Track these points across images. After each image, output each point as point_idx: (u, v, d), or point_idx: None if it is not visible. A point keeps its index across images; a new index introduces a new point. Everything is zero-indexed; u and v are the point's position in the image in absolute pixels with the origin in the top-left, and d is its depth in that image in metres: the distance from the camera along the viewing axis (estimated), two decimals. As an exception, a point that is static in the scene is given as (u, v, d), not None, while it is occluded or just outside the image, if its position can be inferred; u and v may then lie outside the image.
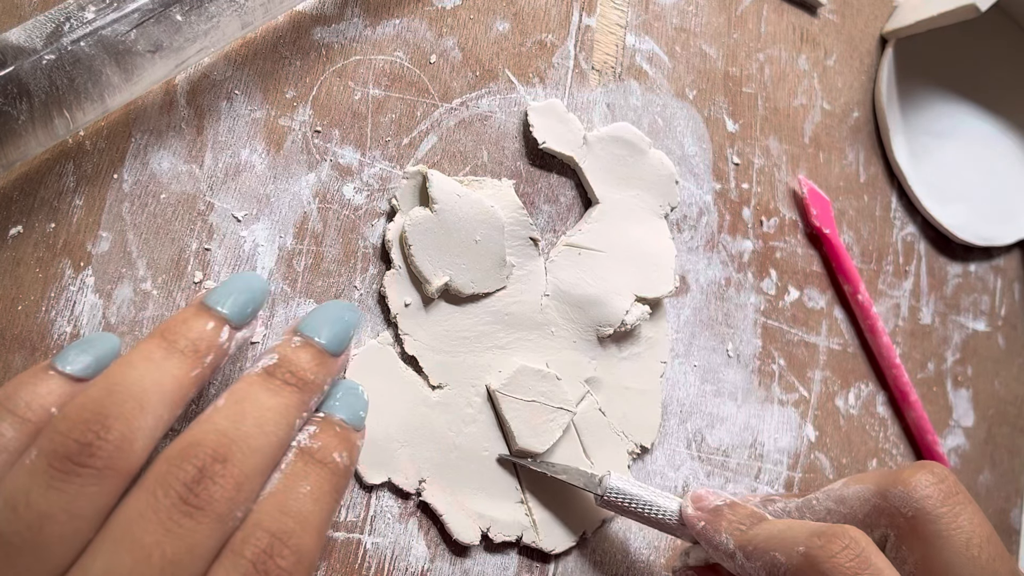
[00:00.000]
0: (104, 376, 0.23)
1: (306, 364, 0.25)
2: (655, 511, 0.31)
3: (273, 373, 0.25)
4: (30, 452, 0.21)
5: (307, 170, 0.31)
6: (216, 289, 0.25)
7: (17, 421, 0.22)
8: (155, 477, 0.22)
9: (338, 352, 0.26)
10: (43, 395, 0.23)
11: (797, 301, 0.42)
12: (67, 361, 0.23)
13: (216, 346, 0.24)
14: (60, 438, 0.21)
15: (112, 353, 0.24)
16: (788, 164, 0.43)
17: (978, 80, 0.50)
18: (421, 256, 0.31)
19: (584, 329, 0.34)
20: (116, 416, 0.22)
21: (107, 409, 0.22)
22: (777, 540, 0.27)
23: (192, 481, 0.22)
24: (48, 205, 0.27)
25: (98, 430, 0.21)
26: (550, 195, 0.36)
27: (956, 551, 0.26)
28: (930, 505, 0.27)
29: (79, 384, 0.23)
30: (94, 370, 0.24)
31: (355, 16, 0.33)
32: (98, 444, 0.21)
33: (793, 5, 0.45)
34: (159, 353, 0.23)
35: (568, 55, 0.37)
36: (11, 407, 0.22)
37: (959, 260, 0.50)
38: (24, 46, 0.24)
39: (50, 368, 0.23)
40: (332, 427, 0.25)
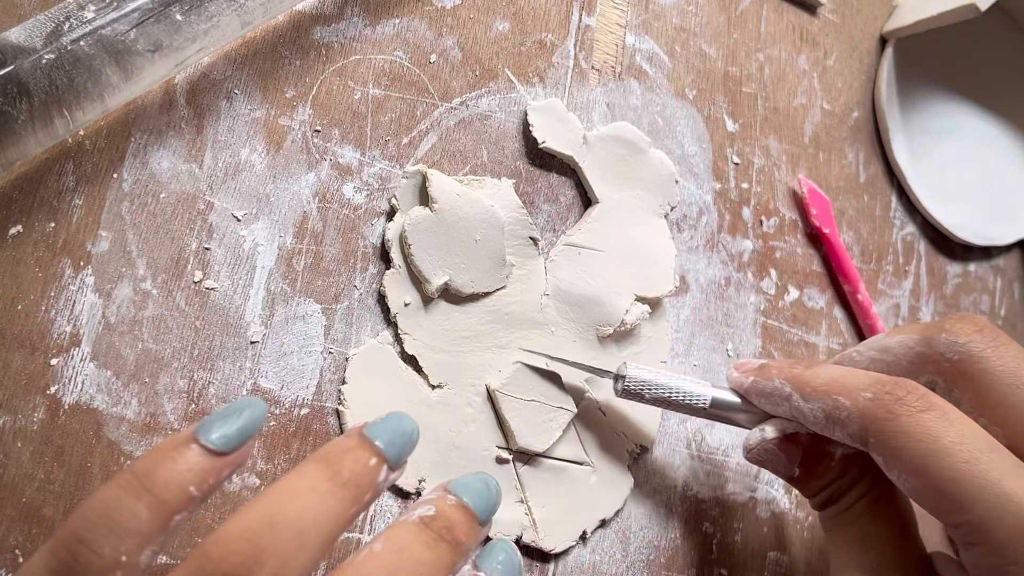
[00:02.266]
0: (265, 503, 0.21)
1: (461, 524, 0.25)
2: (684, 397, 0.32)
3: (430, 525, 0.24)
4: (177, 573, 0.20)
5: (307, 169, 0.31)
6: (377, 425, 0.24)
7: (154, 502, 0.21)
8: None
9: (484, 522, 0.26)
10: (182, 472, 0.21)
11: (797, 301, 0.42)
12: (210, 434, 0.22)
13: (375, 484, 0.23)
14: (209, 566, 0.20)
15: (258, 423, 0.23)
16: (788, 164, 0.43)
17: (978, 80, 0.50)
18: (421, 255, 0.31)
19: (584, 328, 0.34)
20: (273, 553, 0.21)
21: (264, 542, 0.20)
22: (839, 384, 0.28)
23: None
24: (48, 204, 0.27)
25: (251, 566, 0.20)
26: (550, 195, 0.36)
27: (1007, 384, 0.27)
28: (976, 348, 0.28)
29: (221, 459, 0.22)
30: (237, 443, 0.22)
31: (355, 16, 0.33)
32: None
33: (793, 5, 0.45)
34: (324, 485, 0.22)
35: (568, 55, 0.37)
36: (148, 485, 0.21)
37: (959, 260, 0.50)
38: (24, 45, 0.24)
39: (192, 441, 0.22)
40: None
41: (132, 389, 0.28)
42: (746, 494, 0.39)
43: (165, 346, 0.28)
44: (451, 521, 0.24)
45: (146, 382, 0.28)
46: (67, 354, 0.27)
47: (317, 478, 0.22)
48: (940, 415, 0.26)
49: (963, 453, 0.25)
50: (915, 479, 0.26)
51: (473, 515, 0.25)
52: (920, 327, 0.30)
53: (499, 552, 0.26)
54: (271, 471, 0.29)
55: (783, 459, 0.31)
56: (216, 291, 0.29)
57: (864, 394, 0.27)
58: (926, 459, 0.25)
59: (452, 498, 0.25)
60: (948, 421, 0.26)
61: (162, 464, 0.21)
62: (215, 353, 0.29)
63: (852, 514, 0.30)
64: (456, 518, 0.25)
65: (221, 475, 0.22)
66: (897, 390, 0.27)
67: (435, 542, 0.24)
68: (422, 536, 0.24)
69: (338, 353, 0.31)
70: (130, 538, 0.20)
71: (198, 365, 0.29)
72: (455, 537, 0.24)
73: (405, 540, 0.23)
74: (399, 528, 0.24)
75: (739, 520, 0.38)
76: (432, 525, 0.24)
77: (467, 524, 0.25)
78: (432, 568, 0.23)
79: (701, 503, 0.37)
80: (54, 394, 0.27)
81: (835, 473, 0.30)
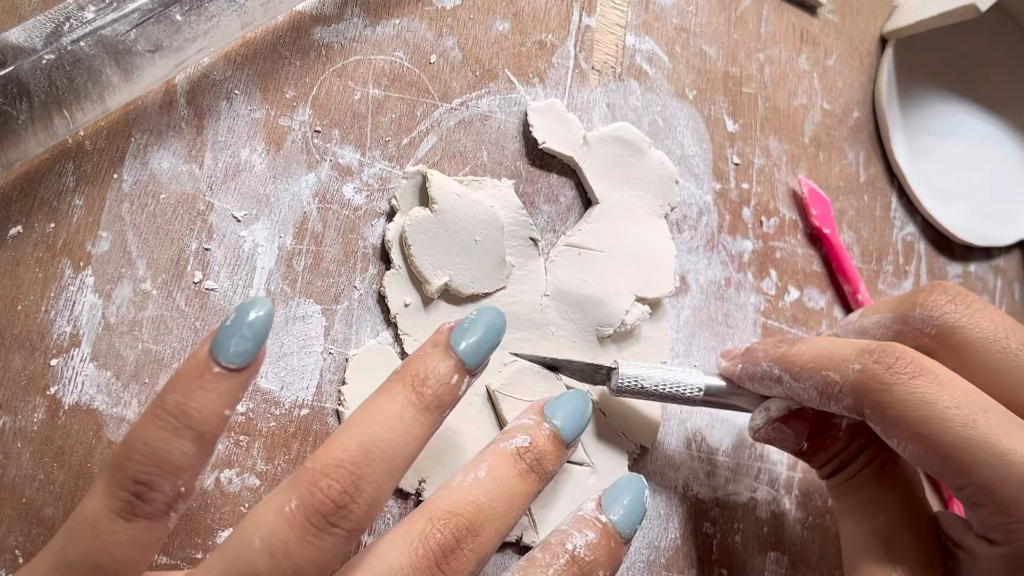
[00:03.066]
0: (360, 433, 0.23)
1: (552, 456, 0.27)
2: (677, 388, 0.32)
3: (524, 456, 0.26)
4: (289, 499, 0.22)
5: (307, 170, 0.31)
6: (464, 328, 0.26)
7: (197, 436, 0.22)
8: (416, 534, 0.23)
9: (571, 444, 0.28)
10: (213, 399, 0.22)
11: (797, 301, 0.42)
12: (228, 351, 0.22)
13: (455, 399, 0.26)
14: (320, 495, 0.22)
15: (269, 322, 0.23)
16: (788, 164, 0.43)
17: (978, 80, 0.50)
18: (421, 256, 0.31)
19: (584, 329, 0.34)
20: (369, 479, 0.23)
21: (361, 470, 0.23)
22: (826, 358, 0.28)
23: (448, 549, 0.23)
24: (48, 205, 0.27)
25: (353, 493, 0.22)
26: (550, 195, 0.36)
27: (987, 349, 0.27)
28: (951, 319, 0.28)
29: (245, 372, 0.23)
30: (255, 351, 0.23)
31: (355, 16, 0.33)
32: (352, 507, 0.22)
33: (793, 5, 0.45)
34: (410, 412, 0.24)
35: (568, 55, 0.37)
36: (187, 421, 0.22)
37: (959, 260, 0.50)
38: (24, 46, 0.24)
39: (212, 363, 0.22)
40: (609, 540, 0.26)
41: (132, 389, 0.28)
42: (746, 494, 0.39)
43: (165, 347, 0.28)
44: (543, 453, 0.27)
45: (146, 383, 0.28)
46: (67, 355, 0.27)
47: (404, 404, 0.24)
48: (932, 379, 0.26)
49: (960, 416, 0.25)
50: (915, 446, 0.26)
51: (563, 443, 0.28)
52: (893, 303, 0.30)
53: (625, 493, 0.28)
54: (271, 472, 0.29)
55: (791, 435, 0.31)
56: (216, 292, 0.29)
57: (853, 366, 0.27)
58: (924, 426, 0.25)
59: (547, 427, 0.28)
60: (941, 385, 0.26)
61: (192, 396, 0.22)
62: (215, 353, 0.29)
63: (860, 480, 0.30)
64: (547, 450, 0.27)
65: (247, 386, 0.23)
66: (886, 358, 0.26)
67: (526, 473, 0.26)
68: (517, 467, 0.26)
69: (338, 354, 0.31)
70: (184, 472, 0.22)
71: (198, 365, 0.29)
72: (544, 468, 0.27)
73: (503, 471, 0.26)
74: (499, 457, 0.26)
75: (739, 520, 0.38)
76: (526, 457, 0.27)
77: (556, 454, 0.27)
78: (522, 498, 0.26)
79: (701, 503, 0.37)
80: (54, 395, 0.27)
81: (842, 443, 0.30)
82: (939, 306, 0.28)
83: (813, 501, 0.41)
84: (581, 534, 0.26)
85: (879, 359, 0.27)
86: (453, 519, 0.24)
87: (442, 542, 0.23)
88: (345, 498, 0.22)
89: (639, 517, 0.28)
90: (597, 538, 0.26)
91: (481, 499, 0.25)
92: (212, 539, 0.28)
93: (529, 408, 0.29)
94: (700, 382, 0.32)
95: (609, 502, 0.27)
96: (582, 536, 0.26)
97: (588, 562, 0.26)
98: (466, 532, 0.24)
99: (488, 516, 0.25)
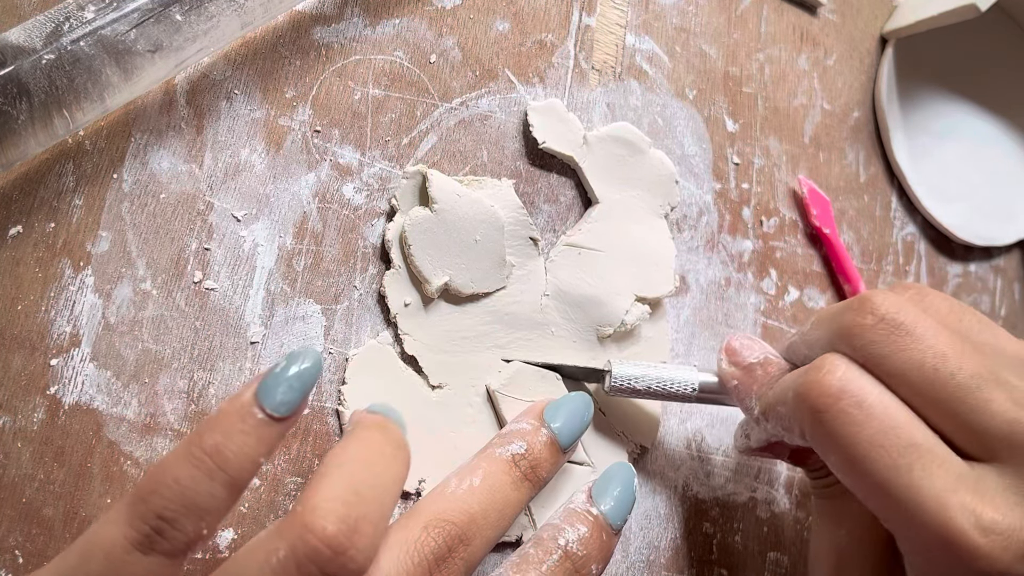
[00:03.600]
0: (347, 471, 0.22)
1: (548, 464, 0.27)
2: (671, 386, 0.31)
3: (518, 464, 0.26)
4: (277, 549, 0.20)
5: (307, 170, 0.31)
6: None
7: (229, 480, 0.21)
8: (413, 541, 0.23)
9: (567, 451, 0.28)
10: (252, 445, 0.21)
11: (797, 301, 0.42)
12: (275, 399, 0.22)
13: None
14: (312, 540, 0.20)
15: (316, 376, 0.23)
16: (788, 164, 0.43)
17: (978, 80, 0.50)
18: (421, 256, 0.31)
19: (584, 329, 0.34)
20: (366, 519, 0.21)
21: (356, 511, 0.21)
22: (779, 393, 0.28)
23: (440, 557, 0.23)
24: (48, 205, 0.27)
25: (351, 536, 0.21)
26: (550, 195, 0.36)
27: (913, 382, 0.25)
28: (875, 349, 0.25)
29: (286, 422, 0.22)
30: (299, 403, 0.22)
31: (355, 16, 0.33)
32: (350, 553, 0.21)
33: (793, 5, 0.45)
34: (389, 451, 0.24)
35: (568, 55, 0.37)
36: (222, 464, 0.21)
37: (959, 260, 0.50)
38: (24, 46, 0.24)
39: (256, 408, 0.21)
40: (601, 533, 0.26)
41: (132, 389, 0.28)
42: (746, 494, 0.39)
43: (165, 346, 0.28)
44: (539, 460, 0.27)
45: (146, 382, 0.28)
46: (67, 354, 0.27)
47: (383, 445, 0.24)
48: (855, 404, 0.24)
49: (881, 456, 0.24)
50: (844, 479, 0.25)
51: (559, 450, 0.27)
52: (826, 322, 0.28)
53: (615, 484, 0.28)
54: (271, 472, 0.29)
55: (770, 454, 0.31)
56: (216, 291, 0.29)
57: (789, 393, 0.26)
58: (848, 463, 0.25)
59: (545, 433, 0.27)
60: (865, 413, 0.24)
61: (232, 439, 0.21)
62: (215, 353, 0.29)
63: (834, 490, 0.30)
64: (544, 457, 0.27)
65: (283, 436, 0.22)
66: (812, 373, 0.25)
67: (520, 482, 0.26)
68: (512, 475, 0.26)
69: (338, 353, 0.31)
70: (209, 515, 0.21)
71: (198, 365, 0.29)
72: (538, 475, 0.27)
73: (498, 479, 0.26)
74: (494, 464, 0.26)
75: (739, 520, 0.38)
76: (521, 464, 0.26)
77: (552, 461, 0.27)
78: (514, 507, 0.26)
79: (701, 503, 0.37)
80: (54, 394, 0.27)
81: None
82: (862, 333, 0.26)
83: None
84: (573, 528, 0.26)
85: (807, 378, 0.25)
86: (446, 527, 0.24)
87: (436, 550, 0.23)
88: (343, 543, 0.20)
89: (629, 507, 0.27)
90: (589, 532, 0.26)
91: (475, 508, 0.25)
92: (211, 541, 0.28)
93: (528, 410, 0.29)
94: (694, 379, 0.32)
95: (599, 493, 0.27)
96: (574, 531, 0.26)
97: (581, 556, 0.25)
98: (458, 541, 0.24)
99: (480, 525, 0.24)
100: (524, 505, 0.26)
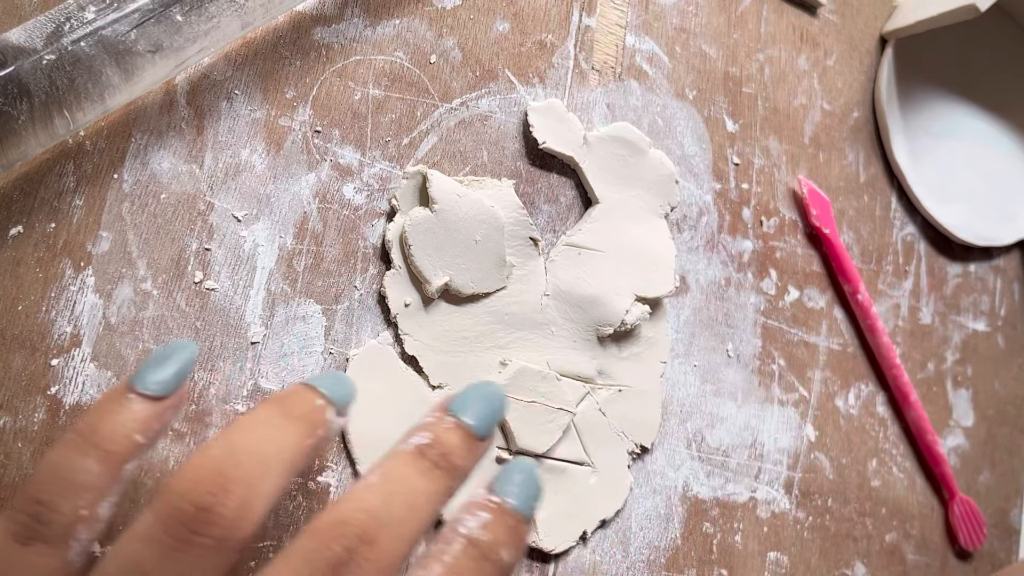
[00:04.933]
0: (222, 437, 0.22)
1: (458, 448, 0.24)
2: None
3: (425, 453, 0.24)
4: (145, 516, 0.20)
5: (307, 170, 0.31)
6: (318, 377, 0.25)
7: (101, 454, 0.21)
8: (300, 553, 0.21)
9: (486, 437, 0.25)
10: (126, 422, 0.21)
11: (797, 301, 0.42)
12: (146, 381, 0.22)
13: (325, 422, 0.24)
14: (177, 501, 0.20)
15: (191, 363, 0.23)
16: (788, 164, 0.43)
17: (978, 80, 0.50)
18: (421, 256, 0.31)
19: (584, 329, 0.34)
20: (237, 479, 0.20)
21: (228, 471, 0.20)
22: None
23: (339, 563, 0.20)
24: (48, 205, 0.27)
25: (218, 494, 0.20)
26: (550, 195, 0.36)
27: None
28: None
29: (161, 403, 0.22)
30: (175, 385, 0.23)
31: (355, 16, 0.33)
32: (218, 510, 0.20)
33: (793, 5, 0.45)
34: (278, 419, 0.23)
35: (568, 55, 0.37)
36: (95, 440, 0.21)
37: (959, 260, 0.50)
38: (24, 46, 0.24)
39: (128, 391, 0.22)
40: (506, 518, 0.24)
41: (132, 389, 0.28)
42: (746, 494, 0.39)
43: (165, 347, 0.28)
44: (447, 447, 0.24)
45: (146, 382, 0.28)
46: (68, 355, 0.27)
47: (271, 414, 0.23)
48: None
49: None
50: None
51: (471, 435, 0.25)
52: None
53: (516, 474, 0.25)
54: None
55: None
56: (216, 292, 0.29)
57: None
58: None
59: (450, 420, 0.25)
60: None
61: (104, 418, 0.21)
62: (215, 354, 0.29)
63: None
64: (453, 443, 0.24)
65: (164, 419, 0.22)
66: None
67: (430, 470, 0.23)
68: (417, 465, 0.23)
69: (338, 354, 0.31)
70: (86, 492, 0.20)
71: (198, 366, 0.29)
72: (451, 463, 0.24)
73: (400, 471, 0.23)
74: (394, 459, 0.24)
75: (739, 520, 0.38)
76: (428, 453, 0.24)
77: (464, 447, 0.25)
78: (427, 496, 0.23)
79: (701, 503, 0.37)
80: (55, 395, 0.27)
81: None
82: None
83: (813, 501, 0.41)
84: (474, 517, 0.23)
85: None
86: (341, 529, 0.21)
87: (330, 558, 0.21)
88: (208, 499, 0.20)
89: (535, 493, 0.25)
90: (492, 517, 0.24)
91: (374, 504, 0.22)
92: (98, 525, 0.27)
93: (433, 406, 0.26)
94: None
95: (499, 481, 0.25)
96: (475, 519, 0.23)
97: (487, 542, 0.23)
98: (359, 542, 0.21)
99: (384, 521, 0.22)
100: (444, 496, 0.24)
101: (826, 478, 0.42)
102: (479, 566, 0.22)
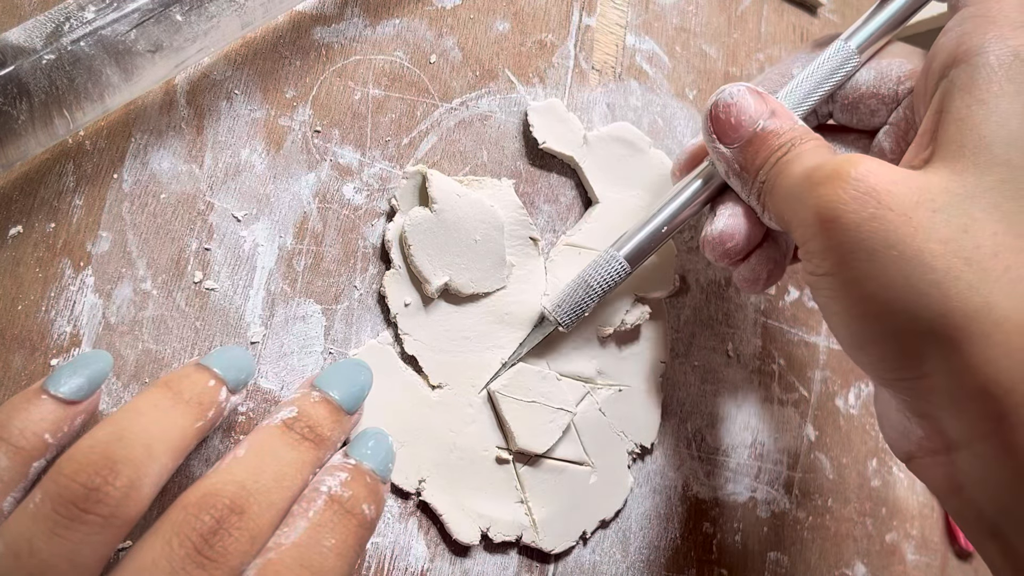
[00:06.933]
0: (111, 421, 0.23)
1: (324, 420, 0.26)
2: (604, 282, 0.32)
3: (292, 426, 0.25)
4: (34, 495, 0.21)
5: (307, 170, 0.31)
6: (212, 355, 0.26)
7: (11, 449, 0.22)
8: (171, 525, 0.22)
9: (353, 411, 0.27)
10: (36, 421, 0.22)
11: (797, 301, 0.42)
12: (59, 384, 0.23)
13: (216, 403, 0.25)
14: (66, 481, 0.21)
15: (105, 373, 0.24)
16: (788, 164, 0.43)
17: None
18: (421, 256, 0.31)
19: (584, 329, 0.34)
20: (125, 461, 0.21)
21: (116, 453, 0.21)
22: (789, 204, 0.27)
23: (209, 532, 0.22)
24: (48, 205, 0.27)
25: (106, 475, 0.21)
26: (550, 195, 0.36)
27: None
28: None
29: (73, 407, 0.23)
30: (87, 391, 0.24)
31: (355, 16, 0.33)
32: (106, 490, 0.21)
33: (793, 5, 0.45)
34: (166, 403, 0.23)
35: (568, 55, 0.37)
36: (4, 435, 0.22)
37: (959, 260, 0.50)
38: (24, 46, 0.24)
39: (42, 392, 0.23)
40: (363, 476, 0.25)
41: (132, 389, 0.28)
42: (746, 494, 0.39)
43: (165, 347, 0.28)
44: (314, 419, 0.25)
45: (146, 382, 0.28)
46: (67, 354, 0.27)
47: (159, 397, 0.24)
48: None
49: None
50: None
51: (338, 408, 0.26)
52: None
53: (368, 439, 0.27)
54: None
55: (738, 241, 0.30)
56: (216, 291, 0.29)
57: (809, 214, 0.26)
58: None
59: (316, 395, 0.26)
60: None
61: (16, 415, 0.22)
62: (215, 353, 0.29)
63: None
64: (319, 415, 0.26)
65: (74, 423, 0.23)
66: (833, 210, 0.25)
67: (298, 442, 0.25)
68: (284, 438, 0.25)
69: (338, 353, 0.31)
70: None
71: (198, 365, 0.29)
72: (318, 435, 0.25)
73: (267, 443, 0.24)
74: (262, 432, 0.25)
75: (739, 520, 0.38)
76: (294, 426, 0.25)
77: (331, 419, 0.26)
78: (295, 467, 0.24)
79: (701, 503, 0.37)
80: (54, 394, 0.27)
81: None
82: None
83: (813, 501, 0.41)
84: (333, 476, 0.25)
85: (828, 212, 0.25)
86: (210, 500, 0.22)
87: (199, 528, 0.22)
88: (97, 480, 0.21)
89: (388, 456, 0.26)
90: (349, 476, 0.25)
91: (241, 475, 0.23)
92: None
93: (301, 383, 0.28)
94: (619, 255, 0.32)
95: (354, 447, 0.26)
96: (334, 478, 0.25)
97: (347, 498, 0.24)
98: (228, 511, 0.22)
99: (252, 491, 0.23)
100: (311, 466, 0.25)
101: (826, 478, 0.42)
102: (342, 520, 0.24)
